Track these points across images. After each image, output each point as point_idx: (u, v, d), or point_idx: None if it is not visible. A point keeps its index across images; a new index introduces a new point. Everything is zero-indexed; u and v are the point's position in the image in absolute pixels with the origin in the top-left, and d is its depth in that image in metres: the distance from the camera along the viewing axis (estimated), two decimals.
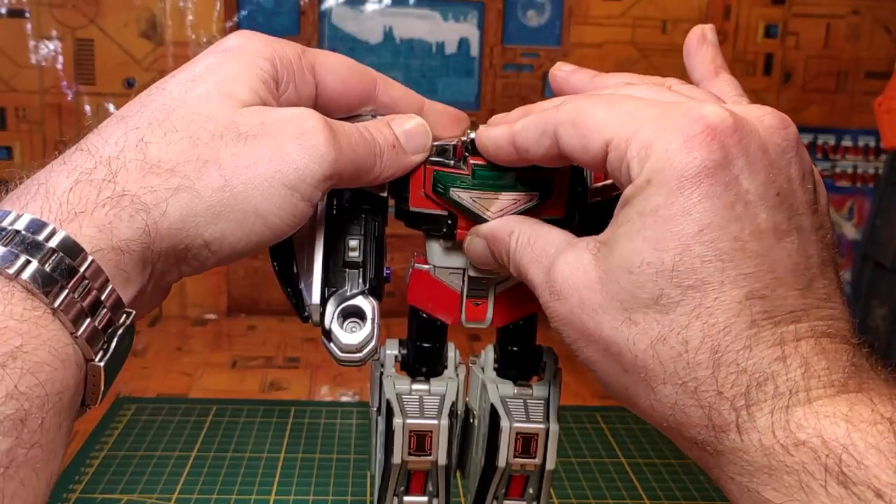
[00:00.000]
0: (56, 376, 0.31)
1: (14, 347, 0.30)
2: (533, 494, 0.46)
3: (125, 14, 1.03)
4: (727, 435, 0.32)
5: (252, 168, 0.35)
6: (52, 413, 0.31)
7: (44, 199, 0.33)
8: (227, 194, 0.35)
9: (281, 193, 0.36)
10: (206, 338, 1.03)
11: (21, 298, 0.31)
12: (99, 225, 0.33)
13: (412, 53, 1.07)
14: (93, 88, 1.04)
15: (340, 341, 0.40)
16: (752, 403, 0.31)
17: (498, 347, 0.47)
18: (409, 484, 0.46)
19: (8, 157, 1.04)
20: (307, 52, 0.41)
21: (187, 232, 0.35)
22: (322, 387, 0.91)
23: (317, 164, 0.36)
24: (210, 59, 0.38)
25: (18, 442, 0.29)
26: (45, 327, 0.31)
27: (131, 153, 0.35)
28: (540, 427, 0.44)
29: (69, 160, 0.35)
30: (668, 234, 0.32)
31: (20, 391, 0.29)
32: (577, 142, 0.35)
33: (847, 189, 1.11)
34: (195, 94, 0.36)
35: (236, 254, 0.37)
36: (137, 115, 0.36)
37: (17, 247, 0.31)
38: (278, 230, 0.37)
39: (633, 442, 0.79)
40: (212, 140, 0.35)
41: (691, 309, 0.32)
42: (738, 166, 0.32)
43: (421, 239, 0.44)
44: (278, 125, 0.36)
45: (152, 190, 0.34)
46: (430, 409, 0.45)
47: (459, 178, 0.41)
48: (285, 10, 1.05)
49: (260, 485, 0.69)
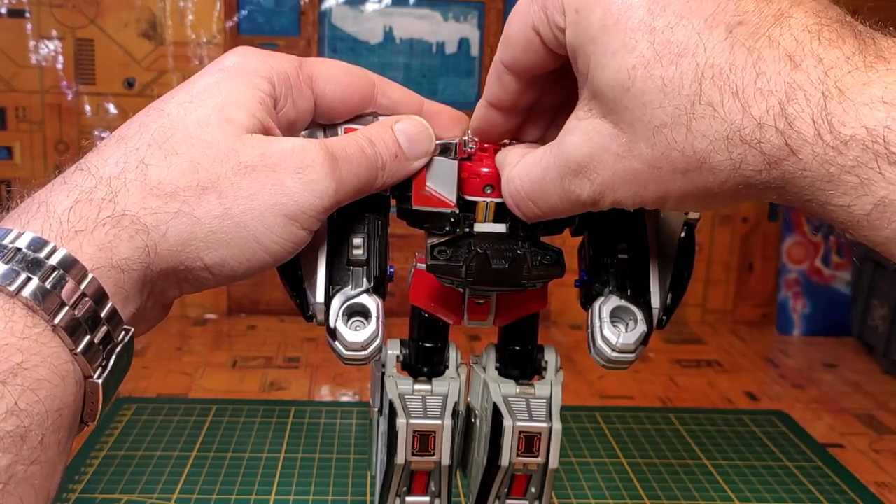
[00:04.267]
0: (56, 393, 0.31)
1: (15, 364, 0.30)
2: (535, 494, 0.46)
3: (125, 14, 1.03)
4: (785, 162, 0.31)
5: (252, 199, 0.36)
6: (51, 430, 0.31)
7: (44, 218, 0.33)
8: (227, 222, 0.35)
9: (281, 223, 0.36)
10: (206, 338, 1.03)
11: (22, 315, 0.31)
12: (99, 244, 0.33)
13: (412, 53, 1.07)
14: (93, 88, 1.04)
15: (345, 339, 0.40)
16: (791, 120, 0.30)
17: (500, 347, 0.47)
18: (411, 484, 0.46)
19: (8, 157, 1.04)
20: (304, 64, 0.41)
21: (187, 254, 0.35)
22: (322, 387, 0.91)
23: (317, 198, 0.37)
24: (208, 78, 0.38)
25: (18, 458, 0.29)
26: (46, 344, 0.31)
27: (132, 174, 0.35)
28: (543, 426, 0.44)
29: (69, 179, 0.35)
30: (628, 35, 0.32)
31: (20, 408, 0.30)
32: None
33: None
34: (195, 118, 0.36)
35: (237, 276, 0.37)
36: (137, 136, 0.36)
37: (18, 264, 0.32)
38: (278, 256, 0.37)
39: (633, 442, 0.79)
40: (212, 166, 0.35)
41: (692, 76, 0.32)
42: None
43: (421, 239, 0.44)
44: (279, 158, 0.36)
45: (152, 212, 0.34)
46: (434, 409, 0.45)
47: None
48: (285, 10, 1.05)
49: (260, 485, 0.69)
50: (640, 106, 0.33)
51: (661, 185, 0.34)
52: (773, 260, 1.15)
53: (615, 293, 0.42)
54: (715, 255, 1.14)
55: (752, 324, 1.16)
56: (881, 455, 0.81)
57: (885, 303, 1.03)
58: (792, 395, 0.94)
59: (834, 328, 1.13)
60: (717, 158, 0.32)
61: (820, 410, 0.90)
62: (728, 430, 0.83)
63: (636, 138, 0.33)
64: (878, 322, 1.04)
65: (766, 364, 1.03)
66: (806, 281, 1.13)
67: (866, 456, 0.80)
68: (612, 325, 0.41)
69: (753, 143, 0.31)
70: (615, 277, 0.42)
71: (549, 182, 0.37)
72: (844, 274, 1.12)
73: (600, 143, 0.35)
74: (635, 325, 0.41)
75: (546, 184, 0.37)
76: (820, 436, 0.83)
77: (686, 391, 0.94)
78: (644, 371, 0.98)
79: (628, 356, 0.41)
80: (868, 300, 1.07)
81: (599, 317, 0.41)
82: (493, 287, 0.41)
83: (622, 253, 0.42)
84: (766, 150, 0.31)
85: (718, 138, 0.32)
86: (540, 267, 0.40)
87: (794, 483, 0.73)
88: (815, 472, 0.75)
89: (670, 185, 0.33)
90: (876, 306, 1.05)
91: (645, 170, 0.34)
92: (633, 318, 0.41)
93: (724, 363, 1.02)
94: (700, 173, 0.33)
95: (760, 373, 1.00)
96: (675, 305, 0.42)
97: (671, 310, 0.42)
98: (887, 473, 0.77)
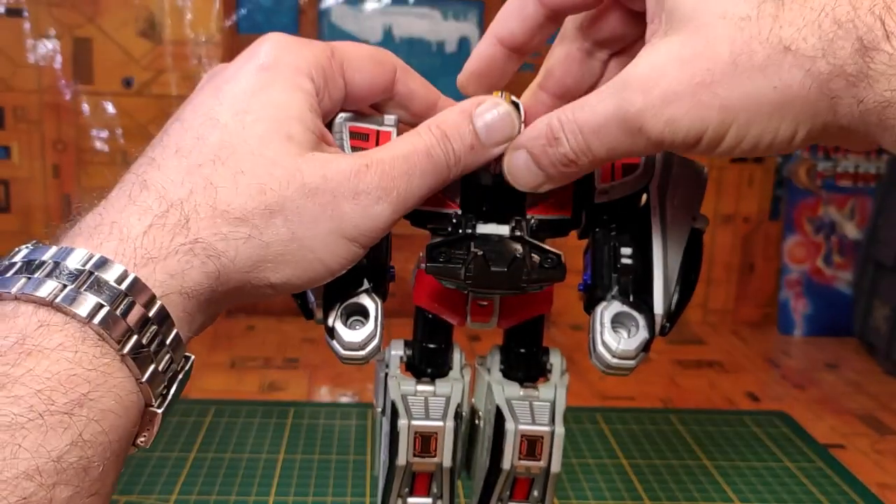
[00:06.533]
0: (119, 423, 0.31)
1: (81, 395, 0.30)
2: (538, 497, 0.46)
3: (123, 13, 1.02)
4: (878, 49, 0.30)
5: (315, 224, 0.36)
6: (111, 460, 0.31)
7: (118, 241, 0.33)
8: (293, 245, 0.36)
9: (343, 245, 0.37)
10: (204, 338, 1.02)
11: (91, 345, 0.31)
12: (171, 271, 0.33)
13: (412, 52, 1.06)
14: (91, 87, 1.03)
15: (343, 339, 0.40)
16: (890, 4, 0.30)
17: (504, 349, 0.47)
18: (413, 485, 0.46)
19: (6, 156, 1.04)
20: (335, 52, 0.40)
21: (255, 275, 0.36)
22: (321, 388, 0.90)
23: (373, 222, 0.37)
24: (250, 79, 0.37)
25: (79, 491, 0.29)
26: (112, 374, 0.31)
27: (200, 196, 0.35)
28: (545, 429, 0.44)
29: (138, 200, 0.34)
30: None
31: (84, 439, 0.29)
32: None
33: (849, 189, 1.11)
34: (255, 134, 0.36)
35: (296, 290, 0.38)
36: (197, 151, 0.36)
37: (90, 289, 0.31)
38: (336, 272, 0.38)
39: (633, 443, 0.79)
40: (279, 188, 0.35)
41: None
42: None
43: (423, 239, 0.43)
44: (338, 181, 0.36)
45: (223, 237, 0.34)
46: (436, 410, 0.44)
47: None
48: (284, 9, 1.05)
49: (259, 486, 0.69)
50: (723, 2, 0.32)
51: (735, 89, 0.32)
52: (775, 260, 1.15)
53: (618, 298, 0.41)
54: (716, 256, 1.14)
55: (753, 324, 1.16)
56: (883, 456, 0.80)
57: (886, 303, 1.03)
58: (793, 395, 0.94)
59: (835, 328, 1.12)
60: (804, 45, 0.31)
61: (821, 411, 0.90)
62: (729, 431, 0.82)
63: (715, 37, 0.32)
64: (880, 322, 1.04)
65: (767, 364, 1.03)
66: (807, 281, 1.13)
67: (868, 457, 0.80)
68: (614, 331, 0.41)
69: (847, 24, 0.30)
70: (618, 282, 0.42)
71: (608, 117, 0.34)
72: (846, 274, 1.12)
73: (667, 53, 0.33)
74: (637, 331, 0.41)
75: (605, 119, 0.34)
76: (821, 436, 0.83)
77: (687, 392, 0.93)
78: (645, 372, 0.97)
79: (629, 363, 0.41)
80: (870, 300, 1.07)
81: (601, 322, 0.41)
82: (492, 290, 0.41)
83: (626, 258, 0.42)
84: (860, 31, 0.30)
85: (808, 24, 0.31)
86: (540, 270, 0.40)
87: (795, 484, 0.73)
88: (816, 472, 0.75)
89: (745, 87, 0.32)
90: (878, 306, 1.05)
91: (719, 70, 0.32)
92: (635, 324, 0.41)
93: (726, 364, 1.02)
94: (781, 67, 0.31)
95: (762, 373, 1.00)
96: (679, 313, 0.41)
97: (675, 317, 0.41)
98: (889, 474, 0.77)
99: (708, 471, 0.74)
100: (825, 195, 1.11)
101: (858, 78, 0.31)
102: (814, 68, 0.31)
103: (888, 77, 0.30)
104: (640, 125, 0.33)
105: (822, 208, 1.11)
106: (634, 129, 0.34)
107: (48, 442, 0.29)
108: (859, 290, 1.10)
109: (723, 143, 0.33)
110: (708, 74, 0.32)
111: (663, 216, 0.41)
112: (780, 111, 0.32)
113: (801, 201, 1.11)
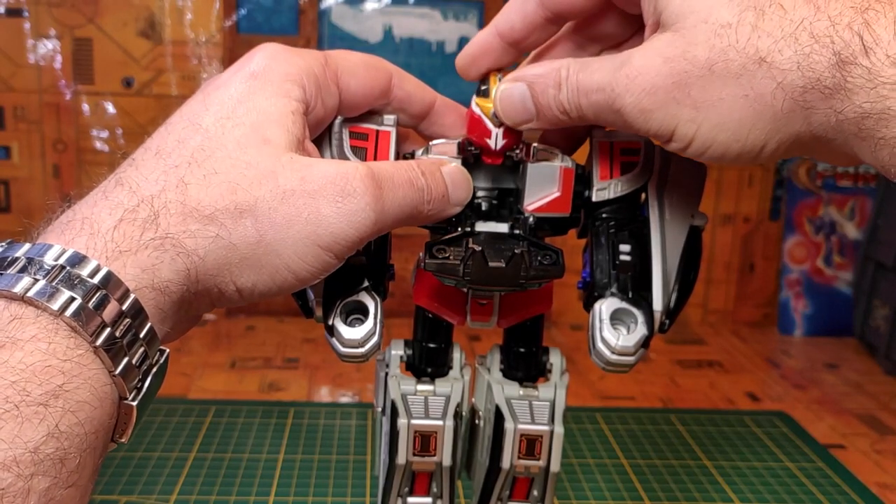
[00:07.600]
0: (95, 415, 0.31)
1: (56, 386, 0.30)
2: (537, 497, 0.46)
3: (124, 13, 1.02)
4: (855, 63, 0.31)
5: (287, 227, 0.35)
6: (88, 452, 0.31)
7: (89, 236, 0.33)
8: (260, 249, 0.35)
9: (313, 253, 0.36)
10: (205, 338, 1.03)
11: (65, 336, 0.31)
12: (143, 266, 0.33)
13: (412, 52, 1.06)
14: (91, 87, 1.03)
15: (342, 336, 0.40)
16: (870, 21, 0.30)
17: (504, 348, 0.47)
18: (413, 485, 0.46)
19: (6, 156, 1.04)
20: (329, 60, 0.41)
21: (221, 278, 0.36)
22: (321, 388, 0.90)
23: (353, 229, 0.36)
24: (239, 86, 0.38)
25: (57, 482, 0.29)
26: (87, 366, 0.31)
27: (172, 193, 0.35)
28: (544, 429, 0.44)
29: (111, 195, 0.35)
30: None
31: (61, 430, 0.30)
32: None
33: (849, 189, 1.11)
34: (233, 138, 0.36)
35: (264, 298, 0.37)
36: (176, 153, 0.36)
37: (63, 283, 0.31)
38: (306, 281, 0.37)
39: (633, 443, 0.79)
40: (251, 188, 0.35)
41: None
42: None
43: (423, 239, 0.44)
44: (319, 184, 0.36)
45: (192, 235, 0.34)
46: (435, 409, 0.44)
47: None
48: (284, 9, 1.05)
49: (259, 486, 0.69)
50: (707, 8, 0.33)
51: (707, 92, 0.33)
52: (775, 260, 1.15)
53: (616, 295, 0.41)
54: (716, 255, 1.14)
55: (753, 324, 1.16)
56: (883, 456, 0.80)
57: (886, 303, 1.03)
58: (793, 395, 0.94)
59: (835, 328, 1.12)
60: (779, 57, 0.31)
61: (821, 411, 0.90)
62: (729, 431, 0.82)
63: (696, 41, 0.33)
64: (880, 322, 1.04)
65: (767, 364, 1.03)
66: (807, 281, 1.13)
67: (868, 457, 0.80)
68: (613, 328, 0.41)
69: (824, 38, 0.31)
70: (617, 279, 0.42)
71: (599, 87, 0.36)
72: (846, 274, 1.12)
73: (656, 48, 0.34)
74: (636, 327, 0.41)
75: (597, 88, 0.36)
76: (821, 436, 0.83)
77: (687, 392, 0.93)
78: (645, 372, 0.97)
79: (628, 359, 0.41)
80: (870, 300, 1.07)
81: (599, 318, 0.41)
82: (491, 287, 0.41)
83: (625, 255, 0.42)
84: (836, 47, 0.31)
85: (785, 36, 0.31)
86: (539, 267, 0.40)
87: (795, 484, 0.73)
88: (816, 472, 0.75)
89: (720, 92, 0.33)
90: (878, 306, 1.05)
91: (695, 72, 0.33)
92: (634, 321, 0.41)
93: (725, 364, 1.02)
94: (754, 77, 0.32)
95: (762, 373, 1.00)
96: (678, 310, 0.42)
97: (674, 314, 0.41)
98: (889, 474, 0.77)
99: (708, 471, 0.74)
100: (825, 195, 1.11)
101: (835, 90, 0.31)
102: (786, 81, 0.32)
103: (866, 90, 0.31)
104: (619, 107, 0.35)
105: (823, 208, 1.11)
106: (615, 109, 0.36)
107: (24, 433, 0.29)
108: (859, 290, 1.10)
109: (693, 143, 0.35)
110: (685, 75, 0.33)
111: (662, 213, 0.41)
112: (750, 119, 0.33)
113: (802, 201, 1.11)
